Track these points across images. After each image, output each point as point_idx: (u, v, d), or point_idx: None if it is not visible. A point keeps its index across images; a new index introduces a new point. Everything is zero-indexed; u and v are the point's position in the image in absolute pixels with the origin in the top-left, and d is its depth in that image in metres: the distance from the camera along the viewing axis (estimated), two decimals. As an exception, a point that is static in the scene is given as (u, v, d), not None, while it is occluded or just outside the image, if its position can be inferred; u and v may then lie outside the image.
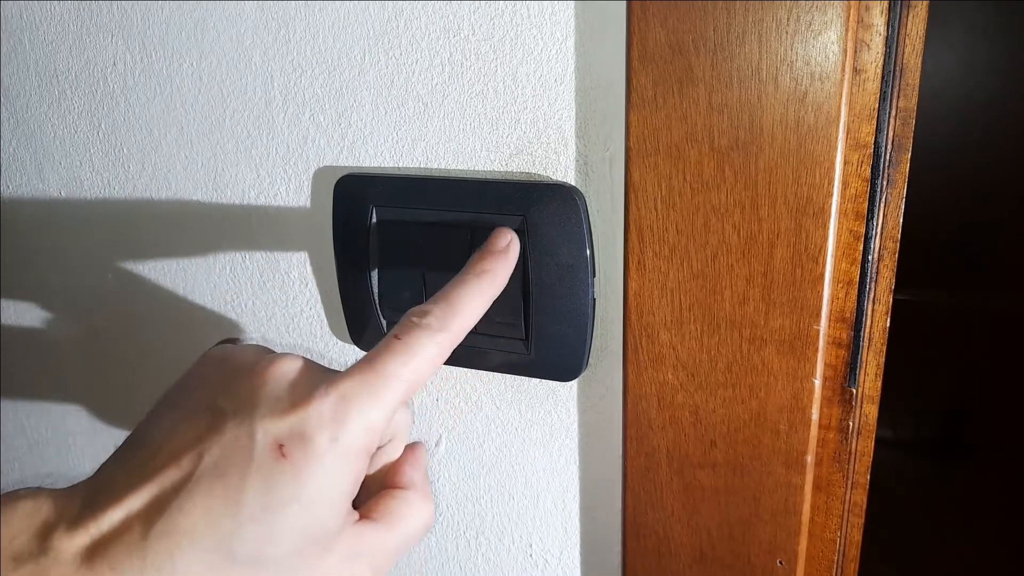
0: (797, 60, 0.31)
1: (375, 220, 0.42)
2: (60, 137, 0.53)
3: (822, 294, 0.33)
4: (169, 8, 0.46)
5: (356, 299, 0.44)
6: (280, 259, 0.48)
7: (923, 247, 1.63)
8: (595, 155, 0.37)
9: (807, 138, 0.31)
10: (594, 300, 0.38)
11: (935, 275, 1.71)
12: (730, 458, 0.37)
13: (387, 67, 0.40)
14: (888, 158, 0.33)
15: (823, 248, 0.32)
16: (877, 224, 0.34)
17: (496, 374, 0.43)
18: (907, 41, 0.32)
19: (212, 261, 0.51)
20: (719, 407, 0.36)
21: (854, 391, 0.36)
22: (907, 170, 0.33)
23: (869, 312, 0.35)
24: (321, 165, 0.44)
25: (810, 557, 0.39)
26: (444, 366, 0.34)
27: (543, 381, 0.42)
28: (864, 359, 0.35)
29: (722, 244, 0.34)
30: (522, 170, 0.39)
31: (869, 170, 0.33)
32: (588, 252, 0.37)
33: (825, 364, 0.35)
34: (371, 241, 0.42)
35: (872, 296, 0.35)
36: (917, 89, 0.32)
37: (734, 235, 0.33)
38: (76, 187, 0.54)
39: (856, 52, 0.31)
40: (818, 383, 0.34)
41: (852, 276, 0.34)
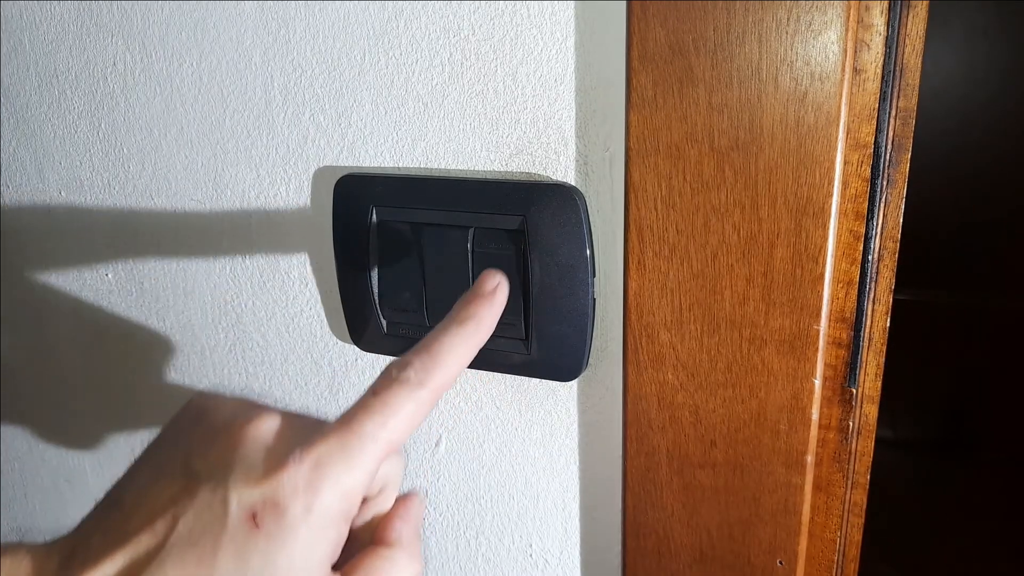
0: (797, 60, 0.30)
1: (375, 220, 0.42)
2: (60, 137, 0.53)
3: (822, 294, 0.33)
4: (169, 8, 0.46)
5: (356, 299, 0.44)
6: (280, 259, 0.48)
7: (923, 247, 1.63)
8: (595, 155, 0.37)
9: (807, 138, 0.31)
10: (594, 300, 0.38)
11: (935, 275, 1.71)
12: (730, 458, 0.37)
13: (387, 67, 0.40)
14: (888, 158, 0.33)
15: (823, 248, 0.32)
16: (877, 224, 0.34)
17: (496, 374, 0.43)
18: (907, 41, 0.32)
19: (212, 261, 0.51)
20: (719, 407, 0.36)
21: (854, 391, 0.36)
22: (907, 170, 0.33)
23: (869, 312, 0.35)
24: (321, 165, 0.44)
25: (810, 557, 0.39)
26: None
27: (543, 381, 0.42)
28: (864, 359, 0.35)
29: (722, 244, 0.34)
30: (522, 170, 0.39)
31: (869, 170, 0.33)
32: (588, 252, 0.37)
33: (825, 364, 0.35)
34: (371, 241, 0.42)
35: (872, 296, 0.35)
36: (917, 89, 0.32)
37: (734, 235, 0.33)
38: (76, 187, 0.54)
39: (856, 52, 0.31)
40: (818, 383, 0.34)
41: (852, 276, 0.34)
